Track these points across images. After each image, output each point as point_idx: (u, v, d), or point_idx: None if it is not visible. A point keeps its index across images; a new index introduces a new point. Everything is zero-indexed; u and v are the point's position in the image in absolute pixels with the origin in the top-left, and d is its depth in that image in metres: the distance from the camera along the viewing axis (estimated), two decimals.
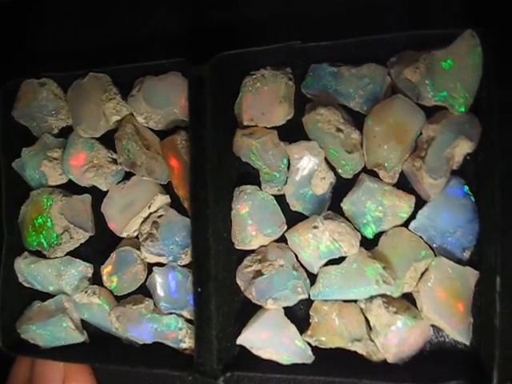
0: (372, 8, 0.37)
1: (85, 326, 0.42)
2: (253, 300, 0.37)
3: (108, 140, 0.41)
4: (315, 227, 0.35)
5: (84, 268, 0.41)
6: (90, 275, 0.41)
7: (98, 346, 0.41)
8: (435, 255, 0.35)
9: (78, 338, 0.41)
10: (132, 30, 0.42)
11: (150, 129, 0.40)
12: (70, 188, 0.42)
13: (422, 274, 0.35)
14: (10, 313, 0.42)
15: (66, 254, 0.42)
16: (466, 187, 0.34)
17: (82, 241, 0.42)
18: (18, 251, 0.43)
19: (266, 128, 0.37)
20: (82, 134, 0.40)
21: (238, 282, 0.37)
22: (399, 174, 0.36)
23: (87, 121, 0.39)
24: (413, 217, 0.35)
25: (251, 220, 0.37)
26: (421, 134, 0.35)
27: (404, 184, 0.36)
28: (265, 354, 0.36)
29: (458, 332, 0.34)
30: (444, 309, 0.34)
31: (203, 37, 0.40)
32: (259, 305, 0.37)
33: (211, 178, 0.35)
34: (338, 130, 0.35)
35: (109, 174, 0.40)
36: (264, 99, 0.37)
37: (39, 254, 0.42)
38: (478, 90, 0.33)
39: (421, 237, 0.35)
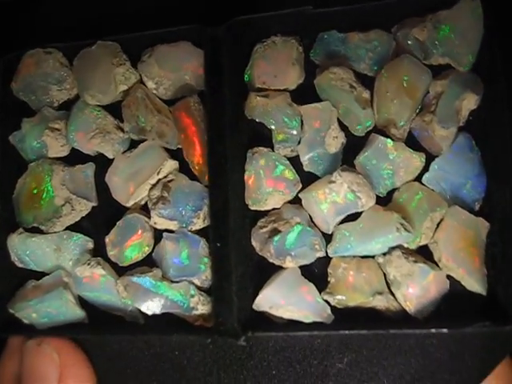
0: None
1: (83, 306, 0.39)
2: (270, 259, 0.36)
3: (113, 110, 0.40)
4: (332, 182, 0.36)
5: (84, 241, 0.39)
6: (90, 249, 0.40)
7: (100, 323, 0.39)
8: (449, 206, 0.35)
9: (78, 314, 0.38)
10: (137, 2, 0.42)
11: (160, 98, 0.40)
12: (71, 161, 0.41)
13: (438, 225, 0.35)
14: (3, 293, 0.39)
15: (65, 229, 0.40)
16: (473, 141, 0.36)
17: (84, 213, 0.40)
18: (11, 228, 0.40)
19: (279, 90, 0.38)
20: (90, 100, 0.39)
21: (253, 243, 0.37)
22: (407, 132, 0.37)
23: (96, 86, 0.39)
24: (423, 173, 0.36)
25: (266, 180, 0.37)
26: (428, 93, 0.36)
27: (412, 143, 0.37)
28: (285, 313, 0.35)
29: (475, 281, 0.34)
30: (462, 256, 0.34)
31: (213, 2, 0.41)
32: (275, 265, 0.36)
33: (229, 135, 0.35)
34: (351, 86, 0.36)
35: (115, 141, 0.39)
36: (276, 63, 0.38)
37: (35, 231, 0.40)
38: (479, 50, 0.35)
39: (433, 190, 0.36)
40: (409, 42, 0.36)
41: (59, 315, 0.38)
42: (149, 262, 0.39)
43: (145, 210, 0.39)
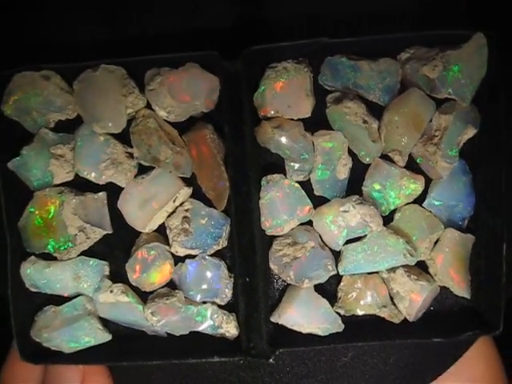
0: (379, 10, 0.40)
1: (105, 323, 0.41)
2: (290, 282, 0.39)
3: (120, 135, 0.39)
4: (345, 211, 0.39)
5: (101, 266, 0.40)
6: (107, 273, 0.41)
7: (126, 343, 0.41)
8: (444, 227, 0.40)
9: (106, 337, 0.40)
10: (139, 24, 0.40)
11: (167, 121, 0.40)
12: (76, 185, 0.40)
13: (435, 244, 0.40)
14: (23, 320, 0.40)
15: (79, 255, 0.40)
16: (467, 166, 0.40)
17: (97, 239, 0.40)
18: (20, 255, 0.40)
19: (293, 119, 0.39)
20: (99, 130, 0.38)
21: (272, 266, 0.40)
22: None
23: (107, 117, 0.37)
24: (421, 194, 0.40)
25: (282, 207, 0.39)
26: (430, 121, 0.39)
27: (410, 164, 0.40)
28: (305, 329, 0.39)
29: (462, 289, 0.40)
30: (454, 271, 0.40)
31: (215, 34, 0.40)
32: (290, 283, 0.40)
33: (251, 172, 0.36)
34: (365, 121, 0.38)
35: (128, 171, 0.39)
36: (289, 92, 0.38)
37: (46, 257, 0.40)
38: (481, 84, 0.38)
39: (430, 211, 0.40)
40: (418, 77, 0.38)
41: (89, 341, 0.40)
42: (169, 284, 0.41)
43: (158, 231, 0.41)
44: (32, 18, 0.41)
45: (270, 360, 0.38)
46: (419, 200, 0.40)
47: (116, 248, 0.41)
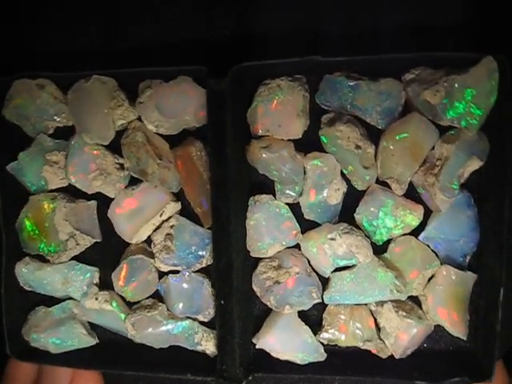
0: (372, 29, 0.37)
1: (93, 327, 0.42)
2: (271, 307, 0.38)
3: (111, 144, 0.40)
4: (332, 239, 0.37)
5: (91, 272, 0.41)
6: (97, 280, 0.41)
7: (110, 349, 0.42)
8: (441, 263, 0.37)
9: (90, 341, 0.41)
10: (132, 35, 0.40)
11: (158, 134, 0.39)
12: (71, 191, 0.41)
13: (429, 280, 0.37)
14: (15, 318, 0.42)
15: (70, 259, 0.41)
16: (472, 199, 0.37)
17: (88, 246, 0.41)
18: (17, 255, 0.41)
19: (283, 140, 0.37)
20: (88, 140, 0.38)
21: (255, 288, 0.39)
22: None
23: (95, 129, 0.38)
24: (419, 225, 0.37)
25: (267, 229, 0.38)
26: (432, 148, 0.36)
27: (411, 193, 0.38)
28: (283, 356, 0.38)
29: (457, 329, 0.37)
30: (449, 312, 0.37)
31: (210, 48, 0.39)
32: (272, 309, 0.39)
33: (232, 193, 0.35)
34: (357, 146, 0.36)
35: (117, 182, 0.39)
36: (281, 111, 0.37)
37: (41, 258, 0.41)
38: (490, 111, 0.35)
39: (428, 245, 0.38)
40: (419, 102, 0.35)
41: (72, 345, 0.41)
42: (152, 295, 0.41)
43: (147, 242, 0.41)
44: (33, 28, 0.41)
45: None
46: (417, 231, 0.38)
47: (107, 255, 0.42)
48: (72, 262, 0.41)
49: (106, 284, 0.41)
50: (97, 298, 0.40)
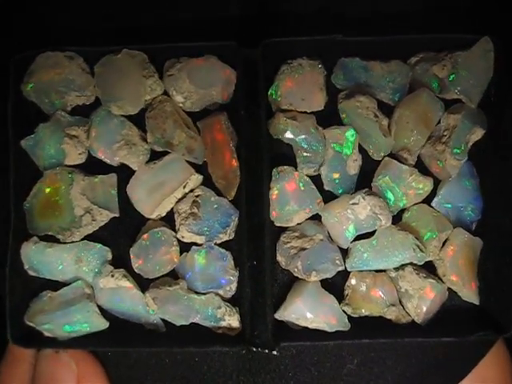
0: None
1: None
2: (297, 274, 0.38)
3: (134, 119, 0.40)
4: (355, 203, 0.39)
5: (104, 252, 0.40)
6: (109, 259, 0.40)
7: (121, 332, 0.39)
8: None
9: (103, 324, 0.38)
10: (157, 13, 0.42)
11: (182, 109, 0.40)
12: (87, 168, 0.40)
13: (443, 244, 0.40)
14: (18, 303, 0.38)
15: (82, 239, 0.40)
16: (474, 169, 0.41)
17: (104, 222, 0.40)
18: (23, 237, 0.39)
19: (306, 113, 0.40)
20: (116, 110, 0.39)
21: (279, 257, 0.39)
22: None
23: (125, 97, 0.38)
24: (429, 195, 0.40)
25: (291, 198, 0.39)
26: (438, 122, 0.40)
27: (417, 167, 0.41)
28: (311, 323, 0.38)
29: (472, 293, 0.39)
30: (463, 272, 0.39)
31: (236, 24, 0.42)
32: (297, 277, 0.39)
33: (266, 157, 0.37)
34: (376, 115, 0.39)
35: (141, 153, 0.39)
36: (304, 86, 0.40)
37: (49, 240, 0.39)
38: (486, 88, 0.40)
39: (439, 212, 0.40)
40: (427, 77, 0.39)
41: (85, 327, 0.38)
42: (171, 275, 0.40)
43: (164, 220, 0.40)
44: (55, 2, 0.42)
45: (274, 352, 0.36)
46: (427, 201, 0.40)
47: (119, 235, 0.40)
48: (84, 241, 0.40)
49: (117, 264, 0.40)
50: (113, 275, 0.38)
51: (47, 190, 0.39)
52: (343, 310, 0.39)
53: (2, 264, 0.38)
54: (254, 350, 0.36)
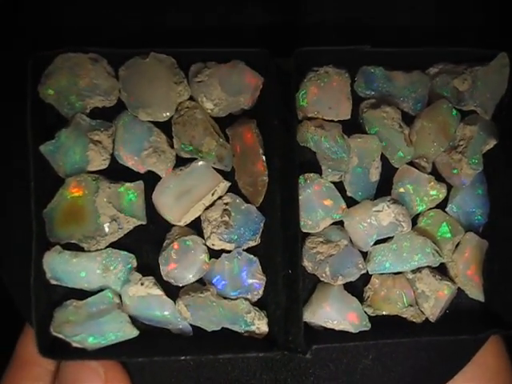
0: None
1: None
2: (324, 279, 0.40)
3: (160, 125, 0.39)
4: (379, 211, 0.40)
5: (130, 259, 0.39)
6: (135, 266, 0.39)
7: (150, 340, 0.39)
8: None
9: (134, 332, 0.38)
10: (183, 17, 0.41)
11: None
12: (109, 174, 0.39)
13: (456, 247, 0.42)
14: (43, 314, 0.38)
15: (107, 246, 0.39)
16: (485, 177, 0.43)
17: (130, 229, 0.39)
18: (44, 245, 0.38)
19: (333, 121, 0.41)
20: (145, 117, 0.38)
21: (306, 263, 0.40)
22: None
23: (156, 103, 0.37)
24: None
25: (318, 204, 0.40)
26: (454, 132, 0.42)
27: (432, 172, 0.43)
28: (338, 325, 0.40)
29: (478, 291, 0.43)
30: (472, 273, 0.42)
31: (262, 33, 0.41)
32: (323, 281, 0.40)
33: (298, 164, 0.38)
34: (400, 126, 0.40)
35: (170, 160, 0.39)
36: (331, 94, 0.40)
37: (71, 247, 0.39)
38: (499, 101, 0.42)
39: (452, 217, 0.43)
40: (447, 88, 0.41)
41: (116, 336, 0.38)
42: (198, 280, 0.40)
43: (189, 226, 0.40)
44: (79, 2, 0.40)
45: (307, 355, 0.38)
46: (439, 206, 0.43)
47: (144, 242, 0.40)
48: (110, 249, 0.39)
49: (142, 272, 0.39)
50: (142, 283, 0.38)
51: (70, 197, 0.38)
52: (364, 311, 0.41)
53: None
54: (289, 354, 0.37)
